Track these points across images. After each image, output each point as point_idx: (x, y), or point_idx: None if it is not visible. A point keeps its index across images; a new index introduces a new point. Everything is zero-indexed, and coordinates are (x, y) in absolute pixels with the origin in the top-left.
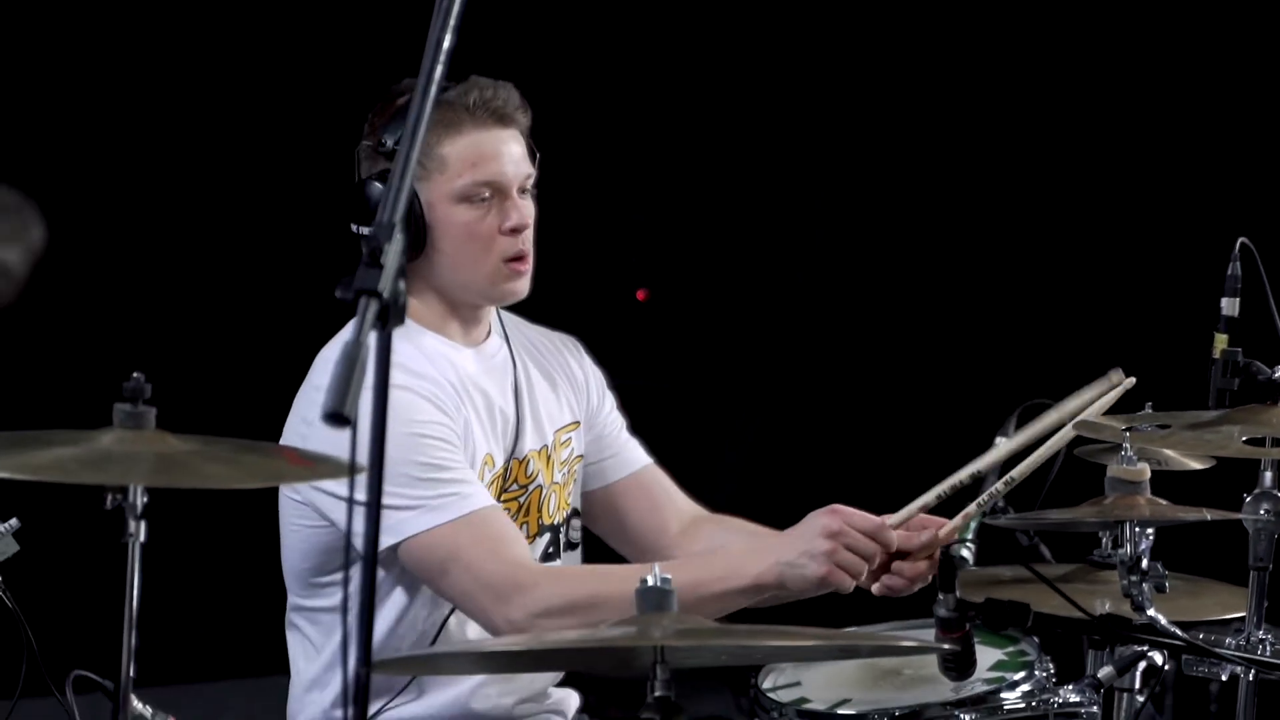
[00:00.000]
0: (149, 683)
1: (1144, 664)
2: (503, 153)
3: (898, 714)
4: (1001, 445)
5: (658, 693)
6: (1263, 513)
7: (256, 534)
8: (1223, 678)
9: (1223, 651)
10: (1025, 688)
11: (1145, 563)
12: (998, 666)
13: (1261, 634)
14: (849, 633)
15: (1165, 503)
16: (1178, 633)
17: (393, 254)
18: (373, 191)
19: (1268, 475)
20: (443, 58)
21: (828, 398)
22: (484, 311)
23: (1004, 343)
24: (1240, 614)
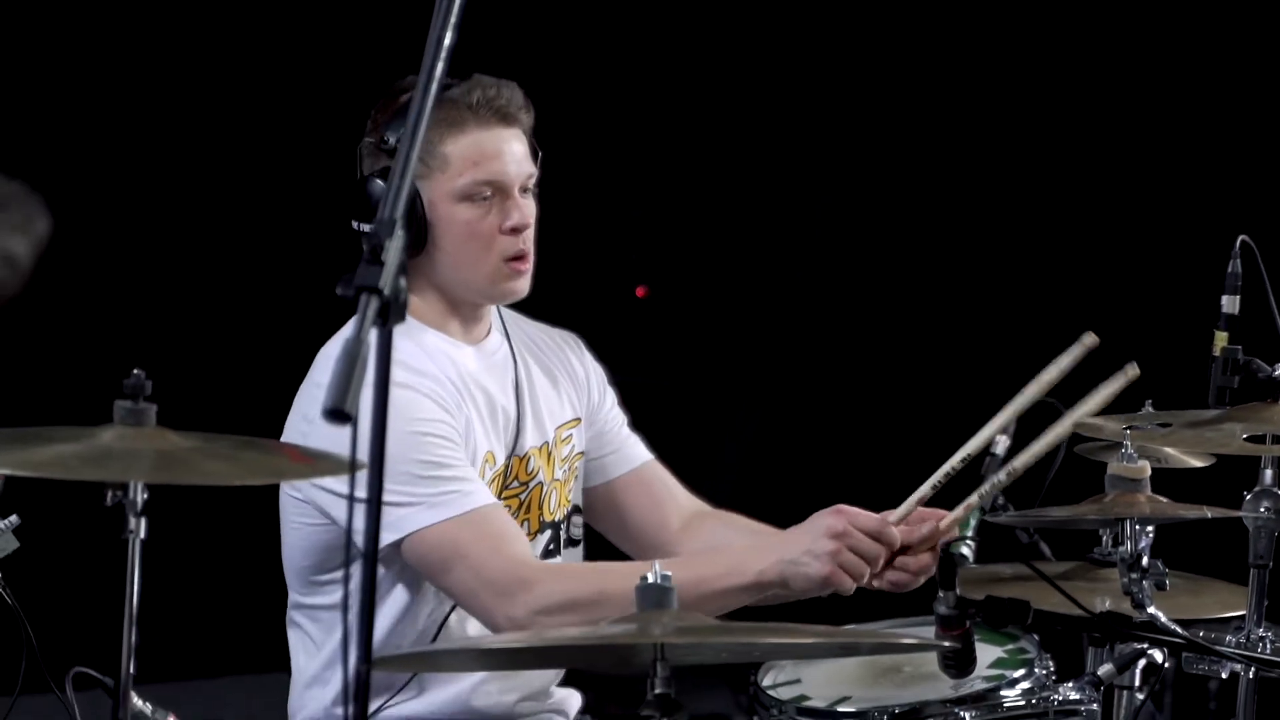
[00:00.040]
0: (149, 679)
1: (1144, 662)
2: (505, 152)
3: (898, 711)
4: (987, 427)
5: (658, 690)
6: (1263, 510)
7: (257, 531)
8: (1223, 676)
9: (1223, 649)
10: (1025, 685)
11: (1145, 560)
12: (998, 664)
13: (1261, 632)
14: (849, 630)
15: (1166, 500)
16: (1178, 630)
17: (394, 251)
18: (374, 188)
19: (1268, 473)
20: (443, 55)
21: (827, 393)
22: (485, 309)
23: (1004, 339)
24: (1240, 612)
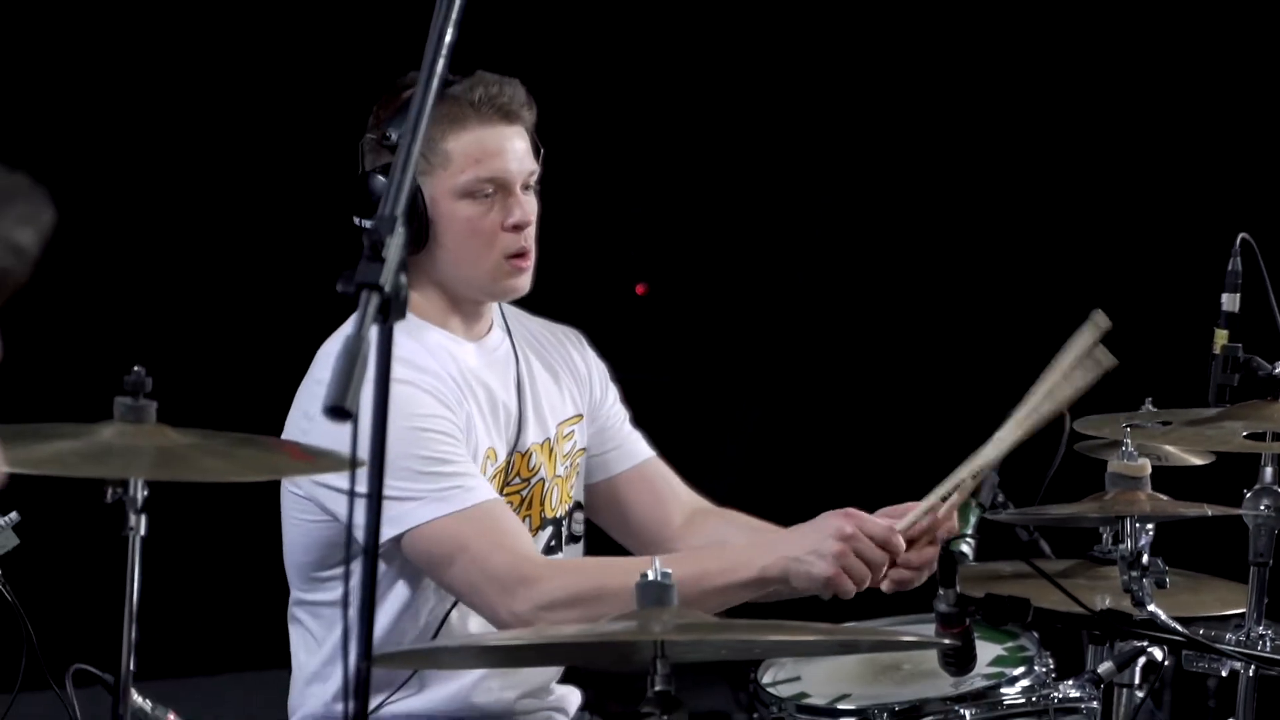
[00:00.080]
0: (148, 676)
1: (1144, 659)
2: (507, 149)
3: (897, 709)
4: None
5: (658, 687)
6: (1263, 508)
7: (257, 528)
8: (1222, 674)
9: (1223, 647)
10: (1025, 683)
11: (1145, 558)
12: (997, 662)
13: (1261, 630)
14: (849, 628)
15: (1166, 498)
16: (1178, 628)
17: (394, 248)
18: (376, 184)
19: (1268, 471)
20: (444, 52)
21: (828, 390)
22: (486, 306)
23: (1003, 336)
24: (1240, 610)
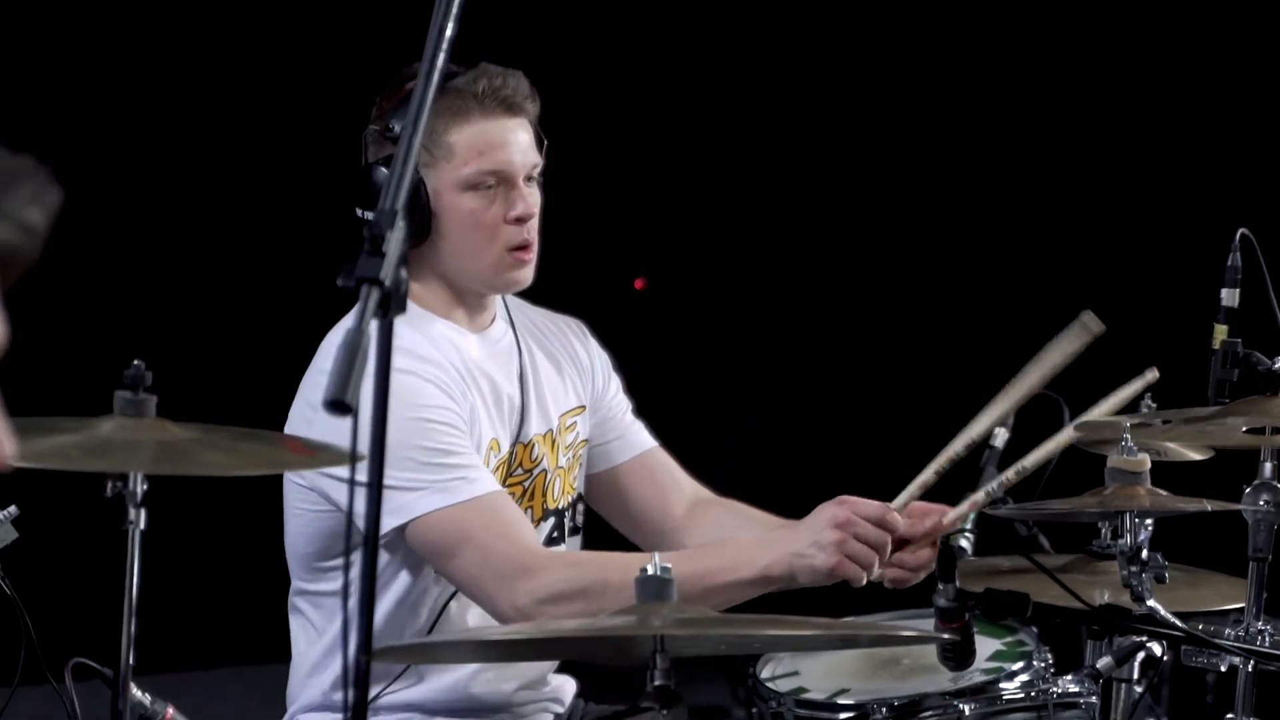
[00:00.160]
0: (147, 670)
1: (1143, 654)
2: (510, 142)
3: (896, 704)
4: (987, 413)
5: (657, 682)
6: (1262, 503)
7: (256, 522)
8: (1221, 669)
9: (1222, 642)
10: (1024, 678)
11: (1145, 553)
12: (996, 656)
13: (1260, 625)
14: (848, 622)
15: (1165, 493)
16: (1177, 623)
17: (394, 242)
18: (378, 176)
19: (1267, 466)
20: (445, 46)
21: (826, 383)
22: (489, 298)
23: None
24: (1239, 605)
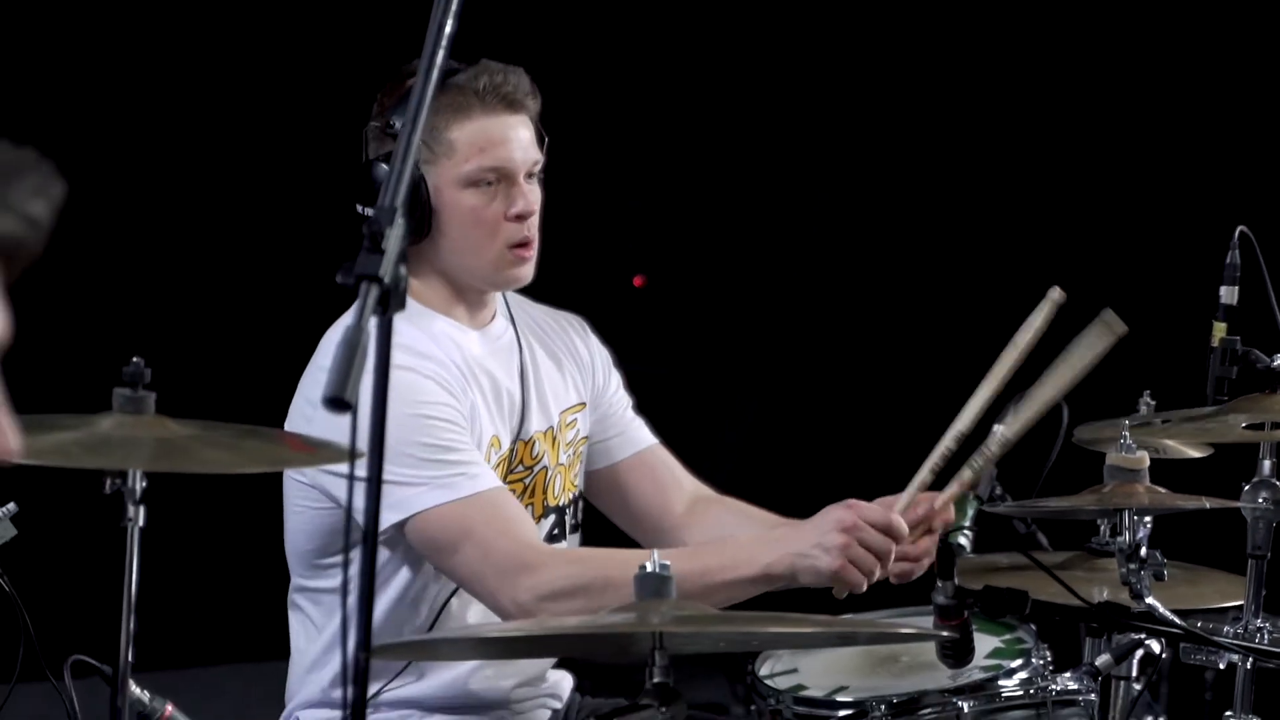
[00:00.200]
0: (147, 667)
1: (1141, 652)
2: (511, 139)
3: (895, 701)
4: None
5: (656, 679)
6: (1261, 501)
7: (255, 519)
8: (1220, 666)
9: (1221, 640)
10: (1022, 675)
11: (1143, 550)
12: (995, 654)
13: (1259, 622)
14: (847, 620)
15: (1164, 490)
16: (1176, 620)
17: (394, 239)
18: (379, 173)
19: (1266, 463)
20: (444, 43)
21: (825, 381)
22: (490, 294)
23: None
24: (1238, 602)
